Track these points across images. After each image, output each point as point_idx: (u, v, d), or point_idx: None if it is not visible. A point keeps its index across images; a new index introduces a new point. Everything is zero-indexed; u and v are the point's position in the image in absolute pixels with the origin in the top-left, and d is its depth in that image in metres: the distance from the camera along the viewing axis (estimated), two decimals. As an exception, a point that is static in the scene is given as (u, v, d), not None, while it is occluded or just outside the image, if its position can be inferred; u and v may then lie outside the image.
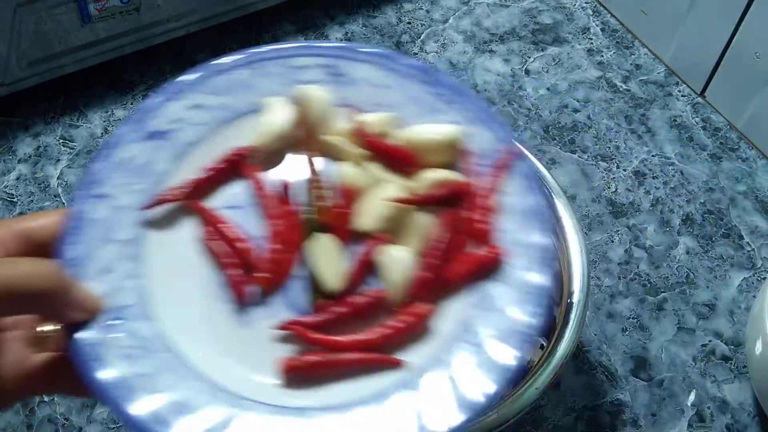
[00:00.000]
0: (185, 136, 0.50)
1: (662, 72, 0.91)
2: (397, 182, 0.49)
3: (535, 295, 0.44)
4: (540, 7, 0.97)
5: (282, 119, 0.50)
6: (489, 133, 0.50)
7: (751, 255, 0.76)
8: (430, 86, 0.51)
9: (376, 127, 0.50)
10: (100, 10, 0.80)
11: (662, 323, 0.71)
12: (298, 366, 0.43)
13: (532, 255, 0.46)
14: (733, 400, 0.67)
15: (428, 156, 0.49)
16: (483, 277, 0.46)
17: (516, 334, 0.43)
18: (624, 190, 0.80)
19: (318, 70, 0.52)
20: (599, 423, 0.65)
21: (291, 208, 0.48)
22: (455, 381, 0.42)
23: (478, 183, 0.48)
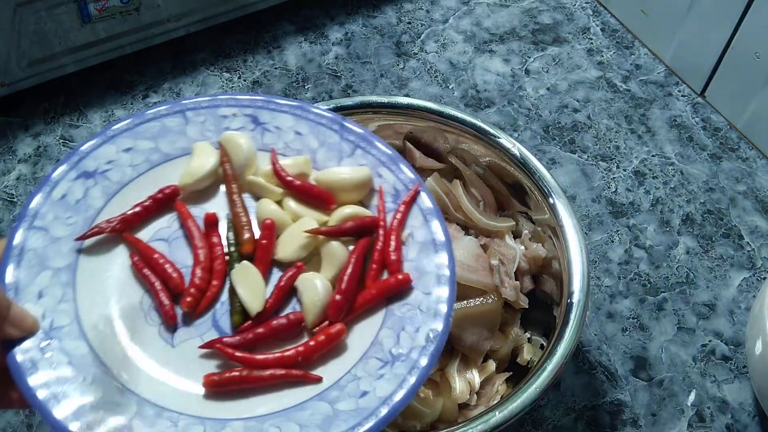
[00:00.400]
0: (117, 175, 0.56)
1: (662, 72, 0.91)
2: (313, 217, 0.55)
3: (438, 314, 0.50)
4: (540, 7, 0.97)
5: (209, 161, 0.56)
6: (394, 174, 0.57)
7: (751, 255, 0.76)
8: (339, 133, 0.58)
9: (293, 169, 0.56)
10: (100, 10, 0.80)
11: (662, 323, 0.71)
12: (220, 381, 0.48)
13: (434, 280, 0.52)
14: (733, 400, 0.67)
15: (341, 194, 0.56)
16: (391, 300, 0.52)
17: (419, 349, 0.49)
18: (624, 190, 0.80)
19: (241, 118, 0.59)
20: (599, 423, 0.65)
21: (215, 239, 0.54)
22: (365, 393, 0.47)
23: (386, 218, 0.55)
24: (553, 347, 0.55)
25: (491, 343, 0.62)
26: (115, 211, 0.54)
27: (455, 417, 0.60)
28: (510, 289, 0.62)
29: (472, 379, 0.61)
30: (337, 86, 0.88)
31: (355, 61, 0.90)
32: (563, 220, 0.61)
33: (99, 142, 0.56)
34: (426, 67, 0.90)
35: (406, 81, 0.88)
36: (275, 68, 0.89)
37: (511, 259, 0.64)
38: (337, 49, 0.91)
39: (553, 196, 0.62)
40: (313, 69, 0.89)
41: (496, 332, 0.63)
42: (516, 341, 0.63)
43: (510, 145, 0.65)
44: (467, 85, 0.88)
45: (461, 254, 0.63)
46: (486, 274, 0.62)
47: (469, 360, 0.62)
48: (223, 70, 0.88)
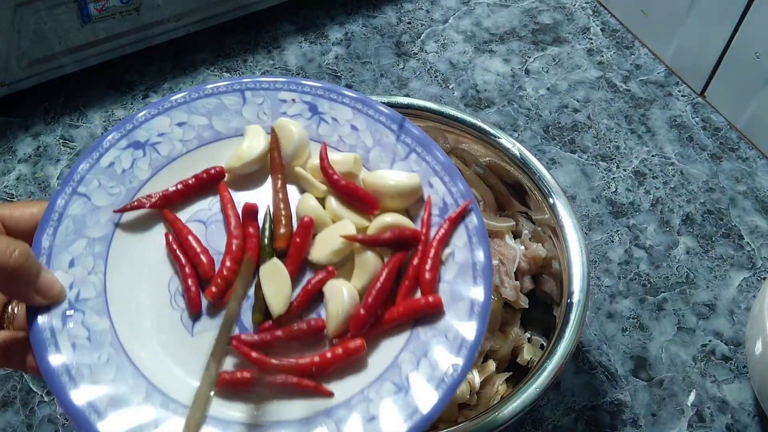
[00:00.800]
0: (166, 149, 0.54)
1: (662, 72, 0.91)
2: (353, 220, 0.52)
3: (463, 347, 0.47)
4: (540, 7, 0.97)
5: (258, 146, 0.54)
6: (446, 186, 0.53)
7: (751, 255, 0.76)
8: (397, 134, 0.55)
9: (342, 166, 0.54)
10: (100, 10, 0.80)
11: (662, 323, 0.71)
12: (232, 380, 0.46)
13: (467, 308, 0.48)
14: (733, 400, 0.67)
15: (386, 200, 0.53)
16: (419, 322, 0.49)
17: (438, 381, 0.46)
18: (624, 190, 0.80)
19: (299, 105, 0.57)
20: (599, 423, 0.65)
21: (251, 230, 0.52)
22: (372, 418, 0.45)
23: (429, 232, 0.52)
24: (553, 347, 0.55)
25: (491, 343, 0.62)
26: (159, 186, 0.52)
27: (455, 417, 0.60)
28: (510, 289, 0.62)
29: (471, 379, 0.61)
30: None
31: (355, 61, 0.90)
32: (563, 220, 0.61)
33: (154, 112, 0.55)
34: (426, 67, 0.90)
35: (406, 81, 0.88)
36: (275, 68, 0.89)
37: (511, 259, 0.64)
38: (337, 49, 0.91)
39: (553, 196, 0.62)
40: (313, 69, 0.89)
41: (496, 332, 0.63)
42: (516, 341, 0.63)
43: (510, 145, 0.65)
44: (467, 85, 0.88)
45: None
46: (486, 274, 0.62)
47: (469, 360, 0.62)
48: (223, 70, 0.89)
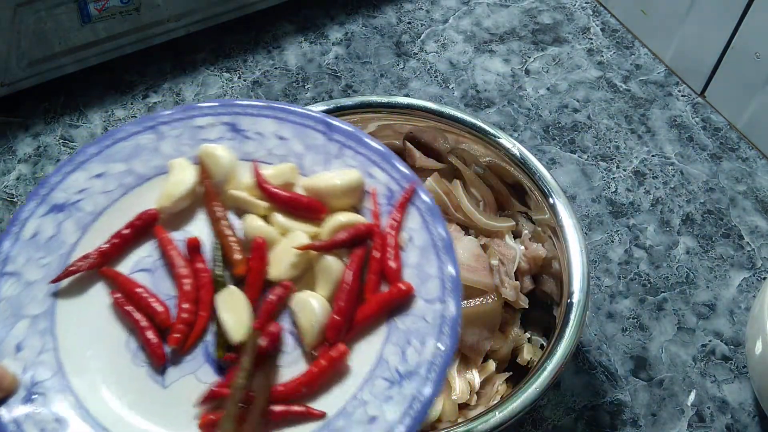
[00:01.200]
0: (90, 205, 0.51)
1: (662, 72, 0.91)
2: (304, 230, 0.51)
3: (444, 325, 0.46)
4: (540, 7, 0.97)
5: (186, 180, 0.52)
6: (386, 173, 0.52)
7: (751, 255, 0.76)
8: (325, 134, 0.54)
9: (278, 179, 0.52)
10: (100, 10, 0.80)
11: (662, 323, 0.71)
12: (214, 421, 0.44)
13: (438, 287, 0.48)
14: (733, 400, 0.67)
15: (332, 201, 0.52)
16: (394, 312, 0.48)
17: (428, 364, 0.45)
18: (624, 190, 0.80)
19: (219, 128, 0.54)
20: (599, 423, 0.65)
21: (200, 265, 0.50)
22: (373, 419, 0.44)
23: (382, 223, 0.51)
24: (553, 347, 0.55)
25: (491, 343, 0.62)
26: (91, 245, 0.50)
27: (455, 417, 0.60)
28: (510, 289, 0.62)
29: (472, 379, 0.61)
30: (337, 86, 0.88)
31: (355, 61, 0.90)
32: (563, 220, 0.61)
33: (68, 170, 0.52)
34: (426, 67, 0.90)
35: (406, 81, 0.88)
36: (275, 68, 0.89)
37: (511, 259, 0.64)
38: (337, 49, 0.91)
39: (553, 196, 0.62)
40: (313, 69, 0.89)
41: (496, 332, 0.63)
42: (516, 341, 0.63)
43: (510, 145, 0.65)
44: (467, 85, 0.88)
45: (461, 254, 0.62)
46: (486, 274, 0.62)
47: (469, 360, 0.62)
48: (223, 70, 0.88)
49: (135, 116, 0.84)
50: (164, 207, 0.52)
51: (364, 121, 0.67)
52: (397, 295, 0.48)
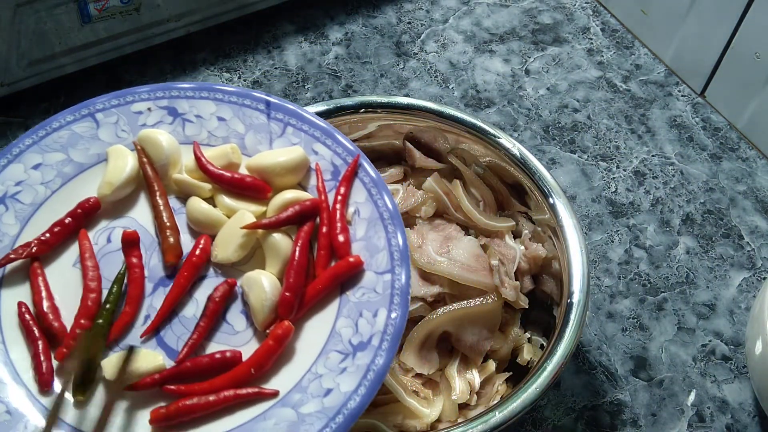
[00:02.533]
0: (29, 197, 0.51)
1: (662, 72, 0.91)
2: (249, 210, 0.51)
3: (395, 295, 0.47)
4: (540, 7, 0.97)
5: (126, 166, 0.52)
6: (330, 148, 0.53)
7: (751, 255, 0.76)
8: (266, 112, 0.54)
9: (221, 160, 0.52)
10: (100, 10, 0.79)
11: (662, 323, 0.71)
12: (168, 414, 0.45)
13: (387, 257, 0.48)
14: (733, 400, 0.67)
15: (276, 180, 0.52)
16: (345, 286, 0.48)
17: (380, 334, 0.46)
18: (624, 190, 0.80)
19: (157, 112, 0.54)
20: (599, 423, 0.65)
21: (134, 260, 0.49)
22: (329, 391, 0.44)
23: (327, 198, 0.51)
24: (553, 347, 0.55)
25: (491, 343, 0.62)
26: (34, 236, 0.50)
27: (455, 417, 0.60)
28: (510, 289, 0.62)
29: (472, 379, 0.61)
30: (337, 86, 0.88)
31: (355, 61, 0.90)
32: (563, 220, 0.61)
33: (3, 162, 0.52)
34: (426, 67, 0.90)
35: (406, 81, 0.88)
36: (275, 68, 0.89)
37: (511, 259, 0.64)
38: (337, 49, 0.91)
39: (553, 196, 0.62)
40: (313, 69, 0.89)
41: (496, 332, 0.63)
42: (516, 341, 0.63)
43: (510, 145, 0.65)
44: (467, 85, 0.88)
45: (461, 254, 0.63)
46: (486, 274, 0.62)
47: (469, 360, 0.62)
48: (223, 70, 0.88)
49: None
50: (105, 195, 0.51)
51: (364, 121, 0.67)
52: (347, 268, 0.49)
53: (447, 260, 0.62)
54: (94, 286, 0.49)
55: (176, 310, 0.49)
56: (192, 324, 0.49)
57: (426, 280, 0.62)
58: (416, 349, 0.61)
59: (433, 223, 0.67)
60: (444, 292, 0.62)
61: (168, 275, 0.50)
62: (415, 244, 0.63)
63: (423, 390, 0.61)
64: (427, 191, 0.67)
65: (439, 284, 0.62)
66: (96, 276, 0.49)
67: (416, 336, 0.60)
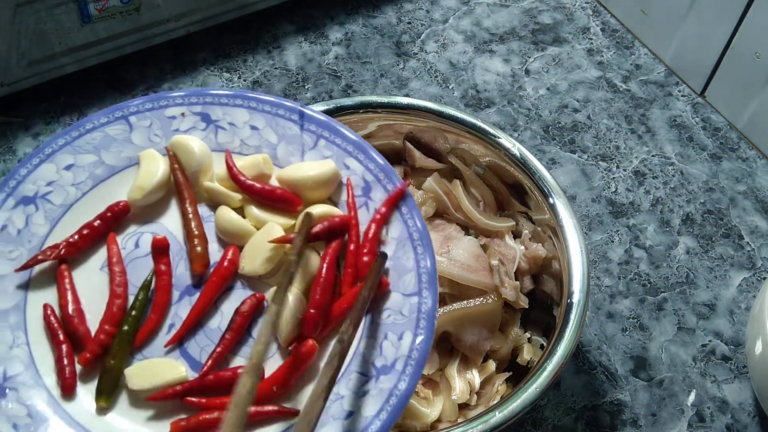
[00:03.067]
0: (60, 197, 0.51)
1: (662, 72, 0.91)
2: (278, 222, 0.50)
3: (421, 319, 0.46)
4: (540, 7, 0.97)
5: (158, 171, 0.51)
6: (362, 164, 0.51)
7: (751, 255, 0.76)
8: (299, 123, 0.53)
9: (252, 170, 0.51)
10: (100, 10, 0.79)
11: (662, 323, 0.71)
12: (188, 427, 0.44)
13: (415, 280, 0.47)
14: (733, 400, 0.67)
15: (307, 193, 0.51)
16: (371, 306, 0.47)
17: (404, 358, 0.45)
18: (624, 190, 0.80)
19: (191, 118, 0.53)
20: (599, 423, 0.65)
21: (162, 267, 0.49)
22: (350, 414, 0.43)
23: (356, 215, 0.50)
24: (553, 347, 0.55)
25: (491, 343, 0.62)
26: (62, 238, 0.49)
27: (455, 417, 0.60)
28: (510, 289, 0.62)
29: (472, 379, 0.61)
30: (337, 86, 0.88)
31: (355, 61, 0.90)
32: (563, 220, 0.61)
33: (36, 162, 0.51)
34: (426, 67, 0.90)
35: (406, 81, 0.88)
36: (275, 68, 0.89)
37: (511, 259, 0.64)
38: (337, 49, 0.91)
39: (553, 196, 0.62)
40: (313, 69, 0.89)
41: (496, 332, 0.63)
42: (516, 341, 0.63)
43: (510, 145, 0.65)
44: (467, 85, 0.88)
45: (461, 254, 0.63)
46: (486, 274, 0.62)
47: (469, 360, 0.62)
48: (223, 70, 0.88)
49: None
50: (135, 199, 0.51)
51: (364, 121, 0.67)
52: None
53: (447, 260, 0.62)
54: (120, 291, 0.48)
55: (201, 321, 0.49)
56: (216, 336, 0.48)
57: (426, 280, 0.62)
58: (416, 349, 0.60)
59: (433, 223, 0.67)
60: (444, 292, 0.62)
61: (194, 284, 0.50)
62: (415, 244, 0.63)
63: (423, 390, 0.61)
64: (427, 191, 0.67)
65: (439, 284, 0.62)
66: (123, 281, 0.49)
67: (416, 336, 0.60)
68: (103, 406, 0.46)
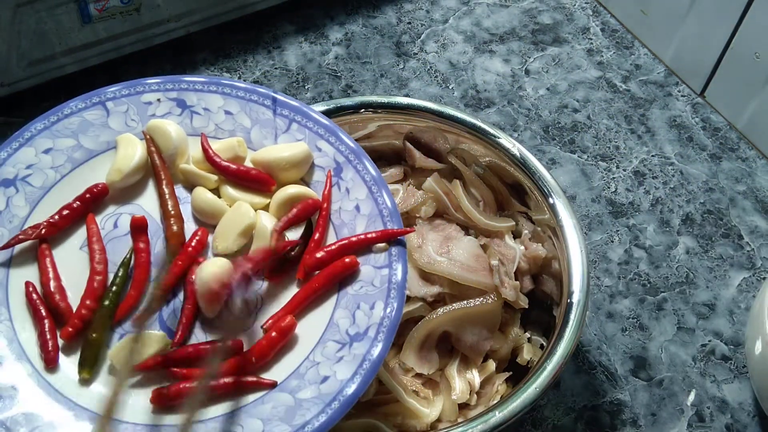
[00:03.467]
0: (39, 180, 0.52)
1: (662, 72, 0.91)
2: (253, 200, 0.52)
3: (391, 289, 0.49)
4: (540, 8, 0.97)
5: (135, 154, 0.53)
6: (333, 146, 0.54)
7: (750, 255, 0.76)
8: (272, 108, 0.55)
9: (227, 153, 0.54)
10: (100, 10, 0.80)
11: (662, 323, 0.71)
12: (168, 395, 0.46)
13: (384, 253, 0.50)
14: (732, 399, 0.67)
15: (280, 174, 0.53)
16: (345, 280, 0.50)
17: (376, 326, 0.47)
18: (624, 190, 0.80)
19: (166, 103, 0.56)
20: (599, 423, 0.65)
21: (141, 245, 0.51)
22: (325, 378, 0.46)
23: (330, 206, 0.53)
24: (553, 347, 0.55)
25: (491, 343, 0.62)
26: (43, 218, 0.51)
27: (455, 417, 0.60)
28: (510, 289, 0.62)
29: (472, 379, 0.61)
30: (337, 86, 0.88)
31: (355, 61, 0.90)
32: (563, 220, 0.61)
33: (15, 146, 0.53)
34: (426, 68, 0.90)
35: (406, 81, 0.89)
36: (275, 68, 0.89)
37: (510, 259, 0.64)
38: (337, 49, 0.91)
39: (552, 196, 0.62)
40: (313, 69, 0.89)
41: (495, 332, 0.63)
42: (516, 341, 0.63)
43: (510, 145, 0.65)
44: (467, 86, 0.88)
45: (461, 254, 0.63)
46: (486, 274, 0.62)
47: (469, 360, 0.62)
48: (223, 70, 0.89)
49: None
50: (113, 181, 0.53)
51: (364, 121, 0.67)
52: (342, 269, 0.50)
53: (447, 260, 0.62)
54: (100, 268, 0.50)
55: (176, 296, 0.51)
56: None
57: (426, 280, 0.62)
58: (416, 349, 0.61)
59: (433, 223, 0.67)
60: (444, 292, 0.62)
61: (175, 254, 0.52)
62: (415, 244, 0.63)
63: (423, 390, 0.61)
64: (427, 191, 0.67)
65: (439, 284, 0.62)
66: (103, 259, 0.51)
67: (416, 336, 0.60)
68: (86, 377, 0.47)
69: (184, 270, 0.51)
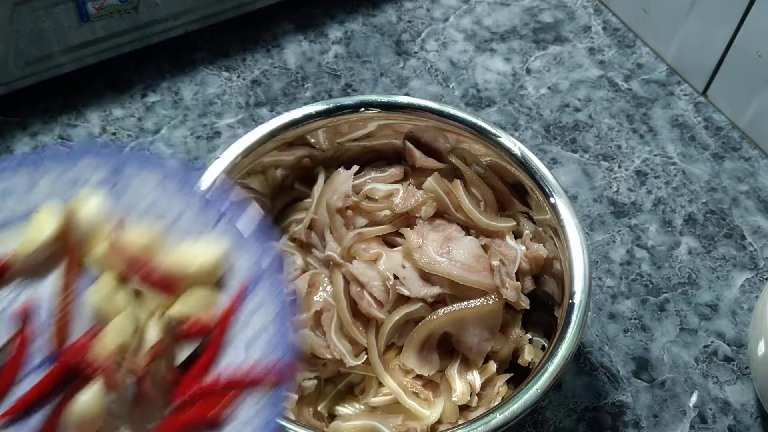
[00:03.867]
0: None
1: (664, 71, 0.90)
2: (150, 304, 0.48)
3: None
4: (541, 6, 0.97)
5: (46, 229, 0.48)
6: (251, 254, 0.49)
7: (753, 255, 0.75)
8: (205, 201, 0.50)
9: (140, 241, 0.49)
10: (98, 8, 0.79)
11: (664, 324, 0.71)
12: None
13: (265, 396, 0.45)
14: (735, 401, 0.67)
15: (189, 278, 0.48)
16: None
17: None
18: (626, 189, 0.80)
19: (95, 177, 0.51)
20: (601, 424, 0.65)
21: (24, 335, 0.46)
22: None
23: (228, 314, 0.47)
24: (555, 348, 0.55)
25: (492, 345, 0.62)
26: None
27: (456, 418, 0.60)
28: (511, 289, 0.61)
29: (472, 380, 0.61)
30: (337, 85, 0.87)
31: (355, 60, 0.90)
32: (564, 220, 0.61)
33: None
34: (426, 66, 0.90)
35: (406, 80, 0.88)
36: (274, 67, 0.89)
37: (512, 260, 0.64)
38: (336, 48, 0.91)
39: (554, 196, 0.62)
40: (312, 68, 0.89)
41: (496, 333, 0.62)
42: (517, 342, 0.63)
43: (511, 145, 0.64)
44: (468, 84, 0.88)
45: (462, 255, 0.62)
46: (486, 275, 0.62)
47: (469, 361, 0.62)
48: (222, 69, 0.88)
49: (133, 116, 0.84)
50: (19, 255, 0.48)
51: (363, 120, 0.67)
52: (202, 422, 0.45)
53: (447, 261, 0.61)
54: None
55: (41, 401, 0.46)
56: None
57: (426, 280, 0.62)
58: (416, 350, 0.60)
59: (434, 224, 0.66)
60: (444, 292, 0.61)
61: (52, 357, 0.47)
62: (415, 245, 0.62)
63: (423, 391, 0.60)
64: (428, 191, 0.66)
65: (439, 285, 0.61)
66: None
67: (416, 337, 0.60)
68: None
69: (59, 378, 0.46)
